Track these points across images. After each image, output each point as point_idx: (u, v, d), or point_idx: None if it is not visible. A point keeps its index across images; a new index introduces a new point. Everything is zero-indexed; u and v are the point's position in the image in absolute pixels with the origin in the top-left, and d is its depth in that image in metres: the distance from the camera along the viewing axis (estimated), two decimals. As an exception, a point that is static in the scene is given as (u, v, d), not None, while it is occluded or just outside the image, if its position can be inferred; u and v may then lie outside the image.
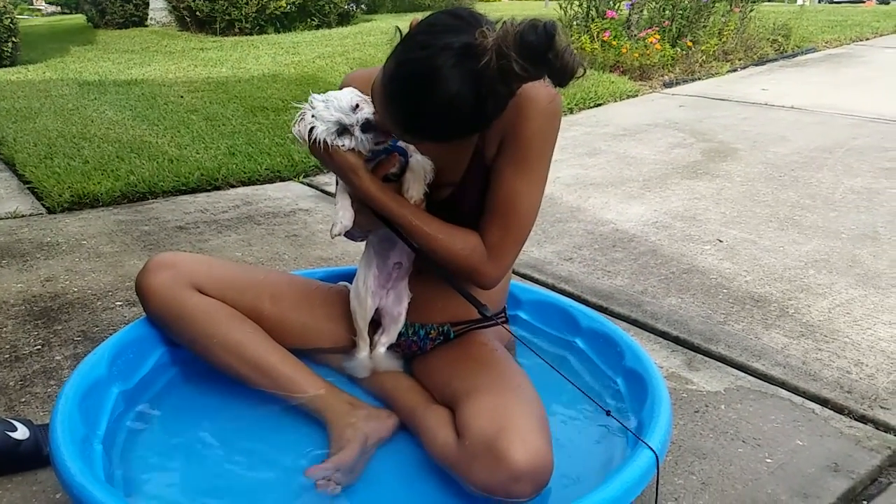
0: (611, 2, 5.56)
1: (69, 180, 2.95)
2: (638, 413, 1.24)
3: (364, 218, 1.23)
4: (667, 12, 5.63)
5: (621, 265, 2.22)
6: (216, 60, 6.30)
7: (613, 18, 5.42)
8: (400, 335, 1.36)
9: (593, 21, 5.49)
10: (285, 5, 8.35)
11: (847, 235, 2.42)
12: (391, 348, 1.36)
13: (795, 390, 1.56)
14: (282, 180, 3.16)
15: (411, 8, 11.34)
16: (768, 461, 1.32)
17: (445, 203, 1.25)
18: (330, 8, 8.83)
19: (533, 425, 1.05)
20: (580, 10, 5.67)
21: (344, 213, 1.21)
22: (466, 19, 1.00)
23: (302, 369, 1.32)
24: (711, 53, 5.66)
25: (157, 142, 3.58)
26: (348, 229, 1.23)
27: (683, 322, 1.85)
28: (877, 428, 1.43)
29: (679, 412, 1.46)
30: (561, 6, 5.74)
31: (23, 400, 1.51)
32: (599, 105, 4.56)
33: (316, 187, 3.06)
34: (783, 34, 6.44)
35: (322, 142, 1.16)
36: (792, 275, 2.14)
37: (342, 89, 1.20)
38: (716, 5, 5.72)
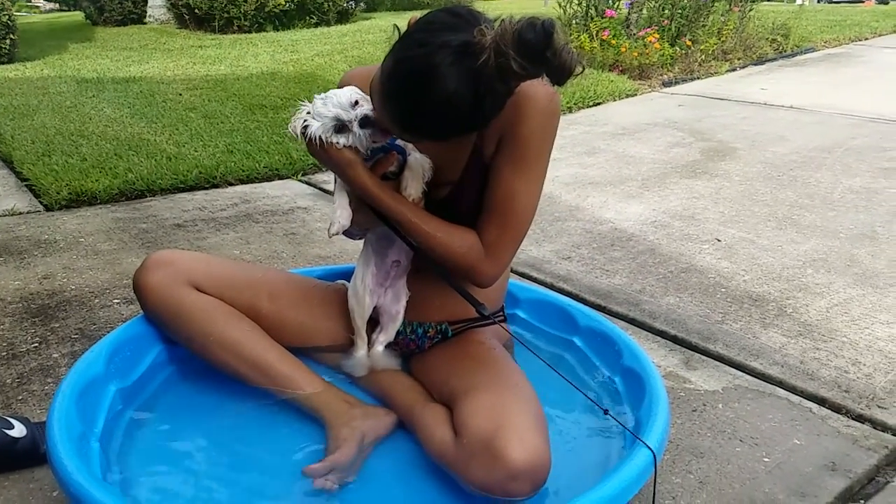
0: (610, 1, 5.56)
1: (67, 178, 2.94)
2: (636, 412, 1.24)
3: (362, 216, 1.23)
4: (666, 11, 5.63)
5: (620, 264, 2.22)
6: (215, 58, 6.28)
7: (612, 17, 5.42)
8: (398, 334, 1.36)
9: (592, 20, 5.49)
10: (284, 3, 8.34)
11: (845, 235, 2.43)
12: (389, 347, 1.36)
13: (793, 389, 1.56)
14: (280, 178, 3.16)
15: (410, 6, 11.33)
16: (766, 460, 1.32)
17: (444, 202, 1.25)
18: (329, 6, 8.82)
19: (530, 424, 1.05)
20: (579, 9, 5.67)
21: (342, 213, 1.21)
22: (465, 17, 1.00)
23: (300, 367, 1.32)
24: (710, 53, 5.66)
25: (156, 139, 3.58)
26: (346, 228, 1.23)
27: (681, 321, 1.85)
28: (874, 427, 1.43)
29: (677, 411, 1.46)
30: (560, 5, 5.74)
31: (20, 397, 1.51)
32: (598, 104, 4.56)
33: (314, 185, 3.06)
34: (782, 34, 6.44)
35: (318, 138, 1.15)
36: (790, 274, 2.14)
37: (342, 88, 1.19)
38: (715, 5, 5.71)
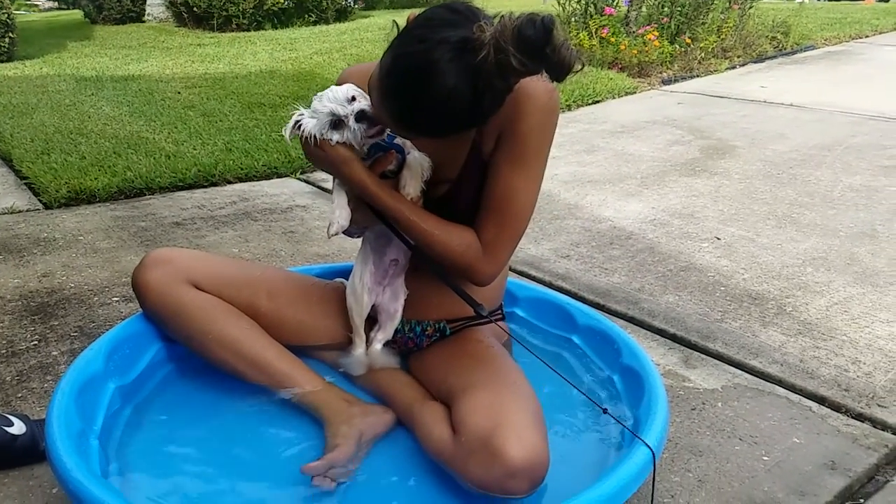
0: (609, -2, 5.55)
1: (66, 176, 2.94)
2: (634, 410, 1.24)
3: (361, 215, 1.22)
4: (665, 9, 5.62)
5: (618, 262, 2.22)
6: (213, 56, 6.27)
7: (612, 15, 5.41)
8: (396, 332, 1.36)
9: (591, 17, 5.48)
10: (283, 1, 8.32)
11: (845, 233, 2.42)
12: (387, 345, 1.36)
13: (792, 388, 1.56)
14: (279, 177, 3.16)
15: (409, 4, 11.31)
16: (765, 459, 1.32)
17: (442, 199, 1.24)
18: (327, 4, 8.80)
19: (529, 422, 1.05)
20: (578, 7, 5.66)
21: (341, 213, 1.21)
22: (464, 13, 1.00)
23: (298, 365, 1.32)
24: (710, 50, 5.65)
25: (154, 138, 3.57)
26: (345, 228, 1.22)
27: (680, 319, 1.85)
28: (874, 426, 1.43)
29: (676, 409, 1.46)
30: (559, 2, 5.73)
31: (19, 395, 1.51)
32: (597, 102, 4.55)
33: (313, 184, 3.05)
34: (782, 31, 6.43)
35: (313, 137, 1.15)
36: (790, 272, 2.14)
37: (340, 85, 1.19)
38: (715, 2, 5.70)
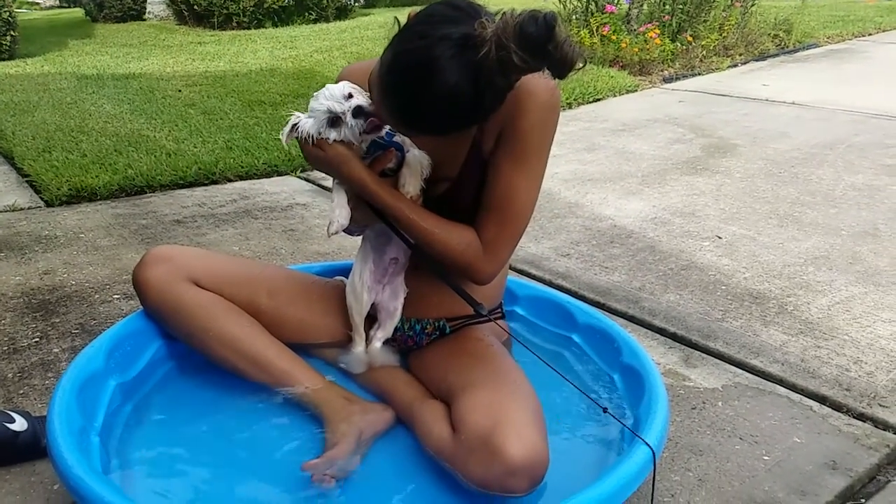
0: (610, -4, 5.54)
1: (67, 174, 2.94)
2: (635, 409, 1.24)
3: (361, 213, 1.22)
4: (667, 7, 5.60)
5: (619, 261, 2.21)
6: (214, 54, 6.27)
7: (613, 13, 5.40)
8: (396, 330, 1.35)
9: (592, 15, 5.46)
10: (283, -1, 8.31)
11: (847, 232, 2.42)
12: (387, 343, 1.36)
13: (793, 387, 1.55)
14: (279, 175, 3.15)
15: (409, 2, 11.27)
16: (766, 458, 1.32)
17: (442, 198, 1.24)
18: (328, 2, 8.78)
19: (528, 420, 1.05)
20: (579, 4, 5.64)
21: (340, 212, 1.20)
22: (465, 10, 0.99)
23: (298, 363, 1.32)
24: (712, 48, 5.64)
25: (155, 136, 3.57)
26: (345, 227, 1.22)
27: (681, 318, 1.85)
28: (875, 426, 1.43)
29: (676, 409, 1.45)
30: (560, 0, 5.72)
31: (21, 392, 1.51)
32: (598, 100, 4.54)
33: (313, 182, 3.05)
34: (784, 29, 6.41)
35: (310, 136, 1.15)
36: (791, 272, 2.13)
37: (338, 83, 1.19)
38: (716, 0, 5.69)
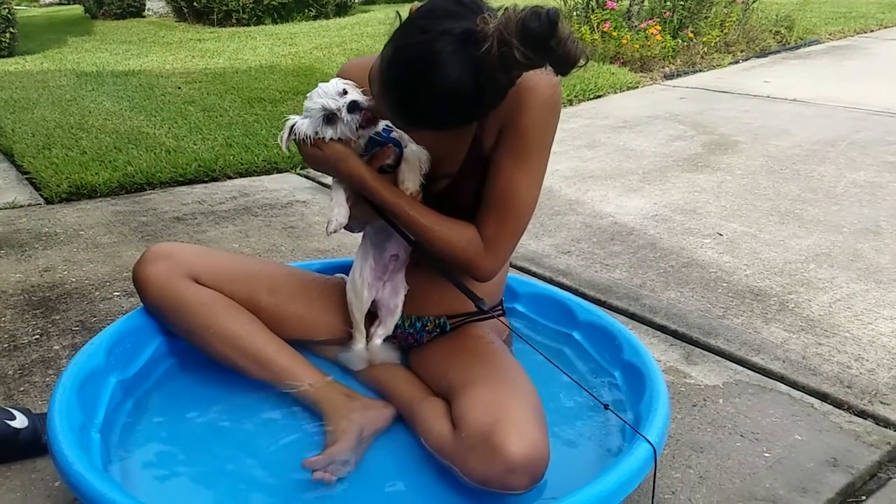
0: (611, -8, 5.52)
1: (67, 171, 2.94)
2: (635, 406, 1.23)
3: (360, 210, 1.22)
4: (668, 3, 5.58)
5: (620, 258, 2.21)
6: (213, 51, 6.26)
7: (613, 9, 5.38)
8: (396, 327, 1.35)
9: (593, 11, 5.45)
10: (282, -4, 8.29)
11: (849, 230, 2.41)
12: (387, 340, 1.36)
13: (795, 385, 1.55)
14: (279, 172, 3.15)
15: (410, -1, 11.28)
16: (766, 455, 1.32)
17: (442, 194, 1.24)
18: (327, -2, 8.77)
19: (529, 417, 1.05)
20: (580, 1, 5.63)
21: (339, 210, 1.20)
22: (467, 5, 0.99)
23: (299, 360, 1.32)
24: (713, 45, 5.62)
25: (155, 133, 3.57)
26: (343, 226, 1.22)
27: (682, 316, 1.85)
28: (877, 423, 1.42)
29: (677, 406, 1.45)
30: (562, -4, 5.70)
31: (21, 389, 1.51)
32: (599, 97, 4.53)
33: (313, 179, 3.05)
34: (786, 26, 6.39)
35: (308, 137, 1.15)
36: (792, 269, 2.13)
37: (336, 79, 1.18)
38: (717, -4, 5.67)
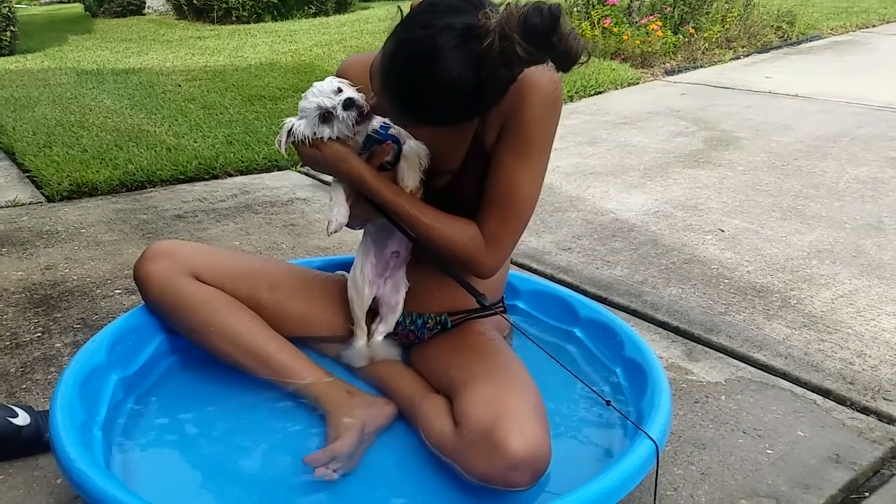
0: (612, -12, 5.50)
1: (68, 169, 2.93)
2: (637, 403, 1.23)
3: (360, 208, 1.22)
4: (669, -1, 5.58)
5: (621, 255, 2.21)
6: (213, 49, 6.25)
7: (614, 5, 5.37)
8: (397, 324, 1.35)
9: (594, 7, 5.43)
10: (282, -7, 8.27)
11: (851, 225, 2.41)
12: (389, 337, 1.36)
13: (797, 381, 1.55)
14: (279, 169, 3.15)
15: (410, -5, 11.25)
16: (769, 452, 1.32)
17: (443, 191, 1.23)
18: (327, -4, 8.75)
19: (530, 414, 1.04)
20: (581, -3, 5.62)
21: (339, 210, 1.19)
22: (469, 0, 0.98)
23: (300, 357, 1.32)
24: (714, 41, 5.60)
25: (155, 131, 3.57)
26: (343, 226, 1.21)
27: (684, 312, 1.84)
28: (879, 419, 1.42)
29: (679, 403, 1.45)
30: (562, -8, 5.68)
31: (23, 386, 1.51)
32: (600, 93, 4.52)
33: (313, 177, 3.04)
34: (787, 21, 6.37)
35: (306, 138, 1.14)
36: (794, 265, 2.13)
37: (336, 76, 1.18)
38: (718, -8, 5.66)
